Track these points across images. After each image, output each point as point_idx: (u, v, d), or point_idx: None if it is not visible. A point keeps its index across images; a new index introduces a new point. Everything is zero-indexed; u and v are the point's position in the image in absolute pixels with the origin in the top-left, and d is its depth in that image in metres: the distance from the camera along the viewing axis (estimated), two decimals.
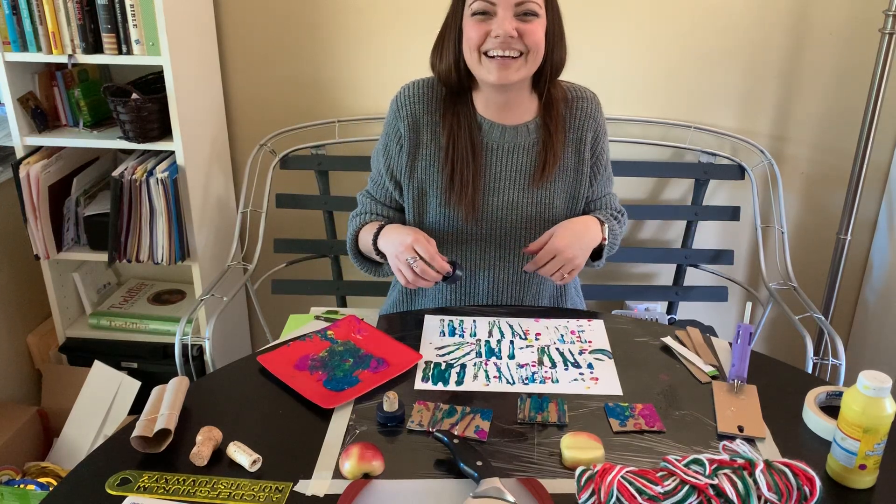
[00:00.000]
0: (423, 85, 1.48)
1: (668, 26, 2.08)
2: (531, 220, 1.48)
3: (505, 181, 1.47)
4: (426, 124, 1.47)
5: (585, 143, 1.49)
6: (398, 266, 1.36)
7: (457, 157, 1.44)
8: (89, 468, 1.06)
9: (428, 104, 1.47)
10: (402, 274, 1.35)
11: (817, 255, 2.26)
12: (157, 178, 1.95)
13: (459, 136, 1.44)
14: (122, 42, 1.88)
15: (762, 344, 2.40)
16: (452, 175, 1.44)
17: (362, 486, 1.01)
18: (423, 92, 1.47)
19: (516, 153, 1.47)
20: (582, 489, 0.96)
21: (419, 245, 1.33)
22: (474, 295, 1.54)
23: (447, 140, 1.44)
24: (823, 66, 2.08)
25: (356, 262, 1.57)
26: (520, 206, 1.48)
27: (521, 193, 1.47)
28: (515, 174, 1.47)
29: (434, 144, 1.47)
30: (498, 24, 1.32)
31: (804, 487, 0.93)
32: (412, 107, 1.47)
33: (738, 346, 1.26)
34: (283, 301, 2.31)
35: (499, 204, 1.48)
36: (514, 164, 1.47)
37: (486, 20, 1.34)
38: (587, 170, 1.50)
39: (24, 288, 2.20)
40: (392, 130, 1.49)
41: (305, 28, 2.15)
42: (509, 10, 1.32)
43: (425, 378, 1.25)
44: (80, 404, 2.06)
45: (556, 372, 1.28)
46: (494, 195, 1.47)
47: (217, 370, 1.31)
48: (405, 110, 1.47)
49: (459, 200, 1.45)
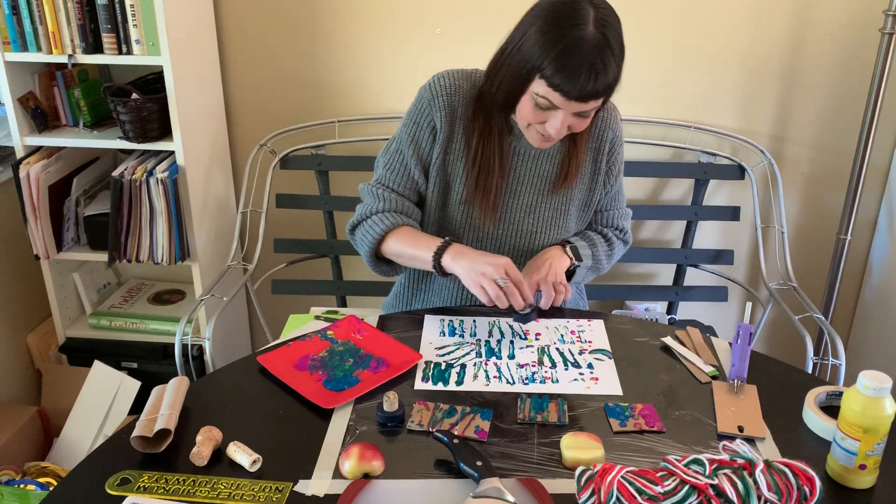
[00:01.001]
0: (458, 77, 1.43)
1: (668, 26, 2.08)
2: (546, 225, 1.50)
3: (526, 185, 1.47)
4: (460, 118, 1.42)
5: (603, 152, 1.49)
6: (481, 282, 1.30)
7: (484, 162, 1.41)
8: (89, 468, 1.06)
9: (463, 98, 1.41)
10: (486, 291, 1.30)
11: (817, 255, 2.26)
12: (157, 178, 1.95)
13: (490, 141, 1.41)
14: (122, 42, 1.88)
15: (762, 344, 2.40)
16: (478, 178, 1.42)
17: (362, 486, 1.01)
18: (459, 85, 1.42)
19: (541, 159, 1.46)
20: (582, 489, 0.96)
21: (512, 268, 1.31)
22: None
23: (478, 142, 1.41)
24: (823, 66, 2.08)
25: (371, 261, 1.49)
26: (538, 209, 1.49)
27: (540, 198, 1.48)
28: (537, 179, 1.47)
29: (464, 140, 1.43)
30: (552, 125, 1.29)
31: (804, 487, 0.93)
32: (449, 98, 1.41)
33: (738, 346, 1.26)
34: (283, 301, 2.31)
35: (518, 206, 1.48)
36: (537, 169, 1.47)
37: (545, 109, 1.29)
38: (602, 179, 1.51)
39: (24, 288, 2.20)
40: (424, 120, 1.43)
41: (305, 28, 2.15)
42: (569, 112, 1.28)
43: (425, 378, 1.25)
44: (80, 404, 2.06)
45: (556, 372, 1.28)
46: (515, 198, 1.48)
47: (217, 370, 1.31)
48: (442, 100, 1.41)
49: (482, 203, 1.44)
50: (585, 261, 1.50)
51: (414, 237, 1.43)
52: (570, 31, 1.21)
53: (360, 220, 1.48)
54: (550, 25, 1.23)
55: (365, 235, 1.46)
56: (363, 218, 1.47)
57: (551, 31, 1.22)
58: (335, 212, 2.20)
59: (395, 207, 1.46)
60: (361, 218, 1.48)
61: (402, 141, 1.47)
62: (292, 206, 2.18)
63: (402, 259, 1.45)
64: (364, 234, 1.46)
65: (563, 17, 1.22)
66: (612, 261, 1.60)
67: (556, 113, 1.28)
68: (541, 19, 1.25)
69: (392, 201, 1.46)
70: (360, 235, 1.48)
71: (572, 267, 1.47)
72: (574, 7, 1.22)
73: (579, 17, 1.21)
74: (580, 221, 1.56)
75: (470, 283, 1.32)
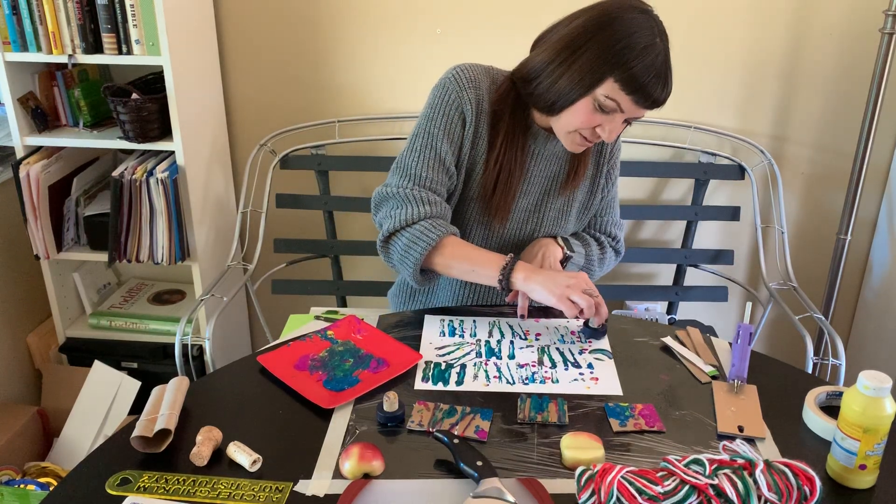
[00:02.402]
0: (478, 71, 1.41)
1: (668, 26, 2.07)
2: (548, 225, 1.52)
3: (536, 185, 1.49)
4: (486, 112, 1.40)
5: (605, 155, 1.52)
6: (568, 295, 1.29)
7: (506, 162, 1.41)
8: (89, 468, 1.06)
9: (486, 92, 1.40)
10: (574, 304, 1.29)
11: (817, 255, 2.26)
12: (157, 178, 1.95)
13: (513, 142, 1.41)
14: (122, 42, 1.88)
15: (762, 344, 2.40)
16: (498, 177, 1.42)
17: (362, 486, 1.01)
18: (481, 79, 1.40)
19: (552, 160, 1.48)
20: (582, 489, 0.96)
21: (591, 284, 1.33)
22: (483, 289, 1.55)
23: (502, 141, 1.40)
24: (823, 66, 2.08)
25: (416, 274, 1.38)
26: (542, 209, 1.51)
27: (546, 198, 1.50)
28: (546, 180, 1.49)
29: (486, 136, 1.41)
30: (607, 129, 1.31)
31: (804, 487, 0.93)
32: (476, 90, 1.39)
33: (738, 346, 1.26)
34: (283, 301, 2.31)
35: (525, 205, 1.50)
36: (547, 170, 1.48)
37: (605, 113, 1.30)
38: (602, 182, 1.54)
39: (24, 288, 2.20)
40: (454, 110, 1.39)
41: (306, 28, 2.15)
42: (625, 117, 1.31)
43: (425, 378, 1.25)
44: (80, 404, 2.06)
45: (557, 372, 1.28)
46: (524, 197, 1.49)
47: (217, 370, 1.31)
48: (471, 92, 1.38)
49: (498, 202, 1.44)
50: (577, 257, 1.51)
51: (468, 250, 1.38)
52: (646, 41, 1.25)
53: (402, 226, 1.36)
54: (625, 33, 1.25)
55: (413, 245, 1.35)
56: (406, 224, 1.36)
57: (627, 38, 1.24)
58: (335, 212, 2.20)
59: (441, 213, 1.39)
60: (403, 224, 1.36)
61: (433, 134, 1.39)
62: (292, 206, 2.18)
63: (451, 271, 1.38)
64: (411, 244, 1.35)
65: (636, 26, 1.25)
66: (604, 267, 1.61)
67: (616, 117, 1.30)
68: (611, 26, 1.26)
69: (438, 205, 1.38)
70: (403, 244, 1.36)
71: (564, 257, 1.48)
72: (643, 17, 1.27)
73: (649, 28, 1.26)
74: (578, 224, 1.58)
75: (555, 297, 1.30)
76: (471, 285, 1.55)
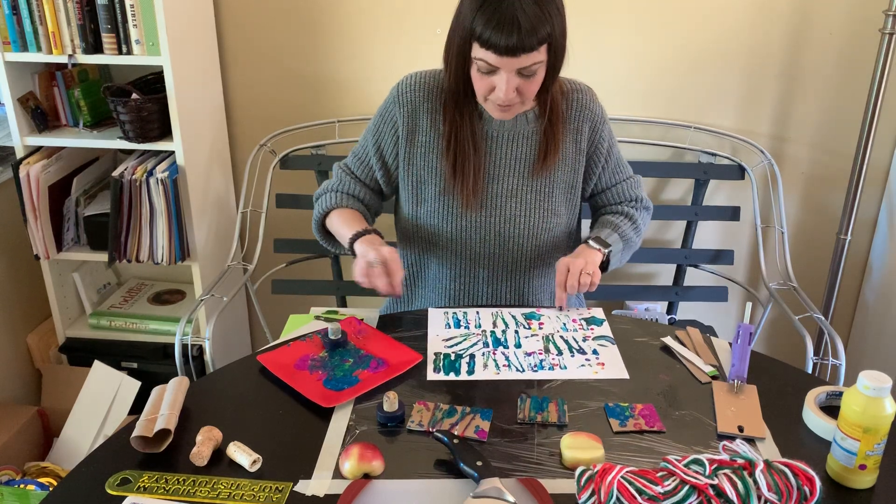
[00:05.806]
0: (425, 75, 1.50)
1: (669, 26, 2.08)
2: (530, 209, 1.51)
3: (505, 168, 1.50)
4: (426, 111, 1.49)
5: (583, 133, 1.51)
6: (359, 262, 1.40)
7: (459, 146, 1.46)
8: (89, 468, 1.06)
9: (429, 93, 1.49)
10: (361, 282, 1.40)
11: (817, 255, 2.26)
12: (157, 178, 1.95)
13: (462, 126, 1.46)
14: (122, 42, 1.88)
15: (762, 344, 2.40)
16: (455, 163, 1.47)
17: (362, 486, 1.01)
18: (426, 82, 1.49)
19: (517, 141, 1.49)
20: (582, 489, 0.96)
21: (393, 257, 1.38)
22: (474, 284, 1.56)
23: (449, 129, 1.46)
24: (823, 66, 2.08)
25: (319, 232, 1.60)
26: (520, 193, 1.50)
27: (521, 181, 1.50)
28: (515, 162, 1.50)
29: (433, 131, 1.49)
30: (499, 88, 1.34)
31: (804, 487, 0.93)
32: (412, 95, 1.49)
33: (738, 346, 1.26)
34: (283, 301, 2.31)
35: (499, 191, 1.50)
36: (514, 152, 1.49)
37: (489, 74, 1.34)
38: (584, 160, 1.54)
39: (24, 288, 2.20)
40: (387, 115, 1.52)
41: (305, 28, 2.15)
42: (511, 71, 1.32)
43: (437, 369, 1.27)
44: (80, 404, 2.06)
45: (563, 359, 1.30)
46: (495, 182, 1.50)
47: (217, 370, 1.31)
48: (405, 97, 1.49)
49: (462, 189, 1.47)
50: (615, 245, 1.51)
51: (349, 219, 1.50)
52: None
53: (320, 193, 1.60)
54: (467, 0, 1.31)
55: (317, 207, 1.58)
56: (322, 192, 1.59)
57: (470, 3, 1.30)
58: None
59: (349, 189, 1.57)
60: (321, 192, 1.60)
61: (369, 130, 1.57)
62: (292, 206, 2.17)
63: (337, 236, 1.54)
64: (317, 207, 1.58)
65: None
66: (642, 232, 1.61)
67: (500, 75, 1.33)
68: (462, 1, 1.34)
69: (347, 183, 1.57)
70: (316, 207, 1.59)
71: (606, 256, 1.48)
72: None
73: None
74: (570, 205, 1.56)
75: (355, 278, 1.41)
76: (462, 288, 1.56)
